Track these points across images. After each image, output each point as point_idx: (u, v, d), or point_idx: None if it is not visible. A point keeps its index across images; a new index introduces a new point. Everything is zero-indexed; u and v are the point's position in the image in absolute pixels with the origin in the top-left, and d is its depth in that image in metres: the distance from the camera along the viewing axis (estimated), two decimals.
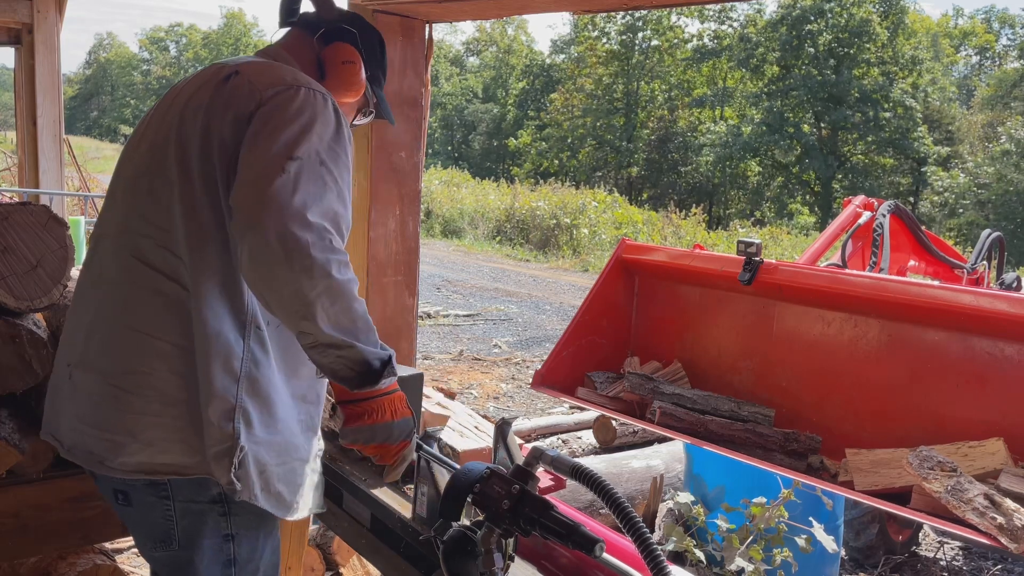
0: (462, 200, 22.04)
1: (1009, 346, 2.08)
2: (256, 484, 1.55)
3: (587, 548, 1.30)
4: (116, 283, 1.57)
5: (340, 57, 1.71)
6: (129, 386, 1.52)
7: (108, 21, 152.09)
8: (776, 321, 2.55)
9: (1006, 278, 4.41)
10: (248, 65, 1.61)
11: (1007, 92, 34.95)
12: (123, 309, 1.55)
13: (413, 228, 2.78)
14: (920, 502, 1.87)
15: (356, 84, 1.74)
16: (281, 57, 1.70)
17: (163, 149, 1.56)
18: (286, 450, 1.61)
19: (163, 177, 1.54)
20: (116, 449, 1.53)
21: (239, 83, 1.55)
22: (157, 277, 1.52)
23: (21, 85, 5.95)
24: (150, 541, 1.63)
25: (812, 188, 32.95)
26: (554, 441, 5.57)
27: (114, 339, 1.55)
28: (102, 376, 1.55)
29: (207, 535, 1.59)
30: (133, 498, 1.59)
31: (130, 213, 1.58)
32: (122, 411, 1.52)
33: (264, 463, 1.56)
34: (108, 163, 37.02)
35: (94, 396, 1.56)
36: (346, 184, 1.51)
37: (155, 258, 1.53)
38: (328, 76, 1.71)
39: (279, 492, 1.61)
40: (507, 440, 1.56)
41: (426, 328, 9.32)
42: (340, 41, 1.72)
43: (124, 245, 1.57)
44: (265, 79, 1.55)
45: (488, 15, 2.69)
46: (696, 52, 37.20)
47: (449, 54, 52.28)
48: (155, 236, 1.53)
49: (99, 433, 1.54)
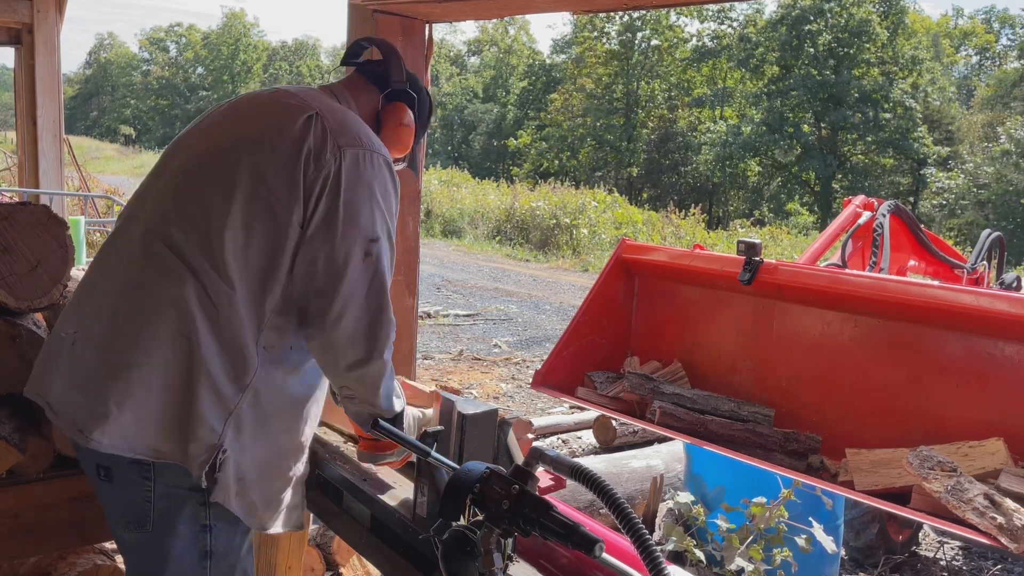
0: (462, 200, 22.03)
1: (1009, 346, 2.08)
2: (231, 489, 1.61)
3: (587, 548, 1.30)
4: (140, 266, 1.60)
5: (400, 119, 1.83)
6: (128, 363, 1.55)
7: (109, 21, 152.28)
8: (776, 321, 2.55)
9: (1006, 278, 4.41)
10: (326, 109, 1.67)
11: (1007, 92, 34.95)
12: (142, 292, 1.58)
13: (413, 228, 2.78)
14: (920, 502, 1.87)
15: (407, 145, 1.88)
16: (343, 98, 1.79)
17: (227, 162, 1.62)
18: (271, 467, 1.69)
19: (224, 187, 1.59)
20: (98, 420, 1.54)
21: (321, 130, 1.62)
22: (185, 273, 1.56)
23: (21, 85, 5.96)
24: (124, 520, 1.65)
25: (812, 188, 32.95)
26: (554, 441, 5.56)
27: (126, 317, 1.58)
28: (105, 350, 1.58)
29: (183, 521, 1.61)
30: (115, 474, 1.61)
31: (173, 205, 1.62)
32: (113, 384, 1.55)
33: (244, 471, 1.62)
34: (108, 163, 37.01)
35: (92, 366, 1.58)
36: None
37: (188, 254, 1.57)
38: (384, 132, 1.82)
39: (253, 503, 1.67)
40: (507, 440, 1.56)
41: (426, 328, 9.31)
42: (402, 102, 1.83)
43: (158, 232, 1.60)
44: (345, 135, 1.63)
45: (488, 15, 2.69)
46: (696, 52, 37.21)
47: (449, 54, 52.28)
48: (192, 236, 1.58)
49: (86, 402, 1.57)
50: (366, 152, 1.62)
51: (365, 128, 1.69)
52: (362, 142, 1.63)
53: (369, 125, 1.75)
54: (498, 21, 46.55)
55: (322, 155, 1.59)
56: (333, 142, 1.60)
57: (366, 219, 1.59)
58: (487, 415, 1.79)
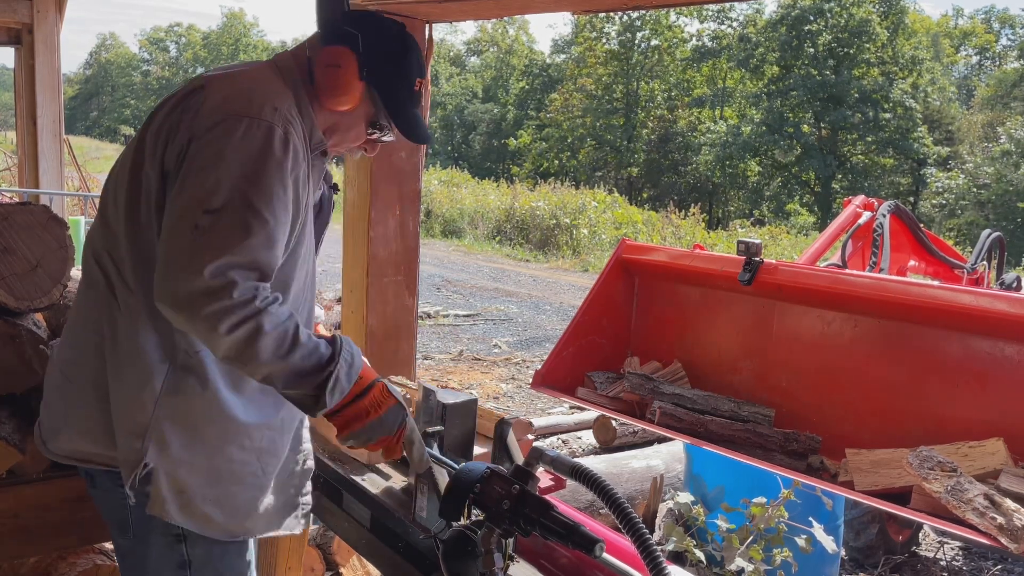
0: (462, 200, 22.02)
1: (1009, 346, 2.07)
2: (169, 502, 1.54)
3: (587, 548, 1.30)
4: (82, 285, 1.66)
5: (326, 60, 1.58)
6: (71, 375, 1.63)
7: (110, 22, 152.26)
8: (776, 321, 2.55)
9: (1006, 278, 4.41)
10: (217, 80, 1.55)
11: (1007, 92, 34.94)
12: (79, 300, 1.66)
13: (413, 228, 2.79)
14: (920, 502, 1.87)
15: (344, 89, 1.58)
16: (285, 61, 1.63)
17: (127, 158, 1.58)
18: (219, 475, 1.59)
19: (120, 185, 1.57)
20: (54, 433, 1.65)
21: (193, 103, 1.50)
22: (99, 276, 1.58)
23: (21, 85, 5.96)
24: (111, 526, 1.69)
25: (812, 188, 32.95)
26: (554, 441, 5.56)
27: (69, 329, 1.67)
28: (57, 364, 1.68)
29: (156, 531, 1.59)
30: (97, 481, 1.64)
31: (100, 219, 1.64)
32: (62, 398, 1.64)
33: (183, 483, 1.55)
34: (108, 163, 36.92)
35: (52, 382, 1.69)
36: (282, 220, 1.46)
37: (103, 259, 1.58)
38: (316, 81, 1.60)
39: (207, 514, 1.58)
40: (507, 440, 1.56)
41: (426, 328, 9.31)
42: (335, 44, 1.59)
43: (91, 248, 1.63)
44: (213, 103, 1.48)
45: (488, 15, 2.69)
46: (695, 52, 37.21)
47: (449, 54, 52.27)
48: (105, 239, 1.59)
49: (46, 416, 1.68)
50: (228, 119, 1.44)
51: (252, 92, 1.50)
52: (231, 109, 1.45)
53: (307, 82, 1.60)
54: (498, 21, 46.54)
55: (180, 131, 1.47)
56: (195, 113, 1.47)
57: (205, 189, 1.39)
58: (466, 404, 1.86)
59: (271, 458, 1.67)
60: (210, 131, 1.44)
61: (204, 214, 1.38)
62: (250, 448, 1.62)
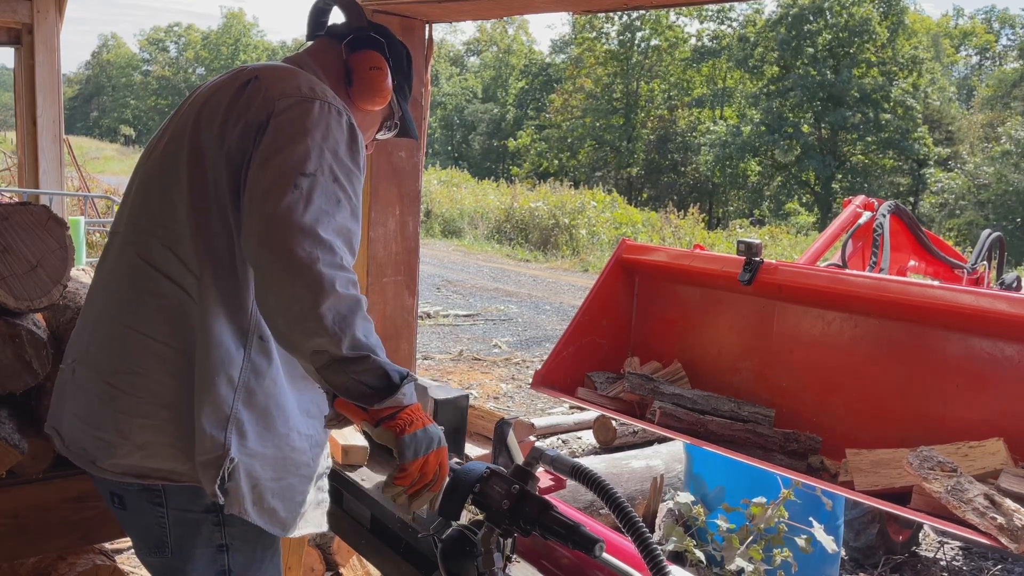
0: (462, 200, 22.04)
1: (1009, 346, 2.07)
2: (247, 498, 1.51)
3: (587, 548, 1.30)
4: (120, 281, 1.58)
5: (368, 63, 1.69)
6: (124, 386, 1.52)
7: (112, 22, 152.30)
8: (776, 321, 2.55)
9: (1006, 278, 4.41)
10: (268, 70, 1.58)
11: (1007, 92, 34.94)
12: (124, 308, 1.55)
13: (413, 228, 2.79)
14: (920, 502, 1.87)
15: (383, 91, 1.71)
16: (306, 64, 1.68)
17: (177, 154, 1.56)
18: (284, 466, 1.58)
19: (176, 181, 1.54)
20: (108, 449, 1.52)
21: (255, 90, 1.53)
22: (160, 278, 1.52)
23: (21, 85, 5.96)
24: (144, 546, 1.63)
25: (812, 188, 32.95)
26: (554, 441, 5.57)
27: (114, 338, 1.55)
28: (100, 374, 1.55)
29: (200, 544, 1.57)
30: (127, 502, 1.58)
31: (141, 213, 1.59)
32: (116, 411, 1.52)
33: (257, 477, 1.53)
34: (108, 163, 37.01)
35: (91, 394, 1.56)
36: (359, 201, 1.50)
37: (160, 260, 1.53)
38: (355, 83, 1.70)
39: (273, 508, 1.57)
40: (507, 440, 1.56)
41: (426, 328, 9.31)
42: (369, 49, 1.71)
43: (132, 243, 1.57)
44: (280, 88, 1.52)
45: (488, 15, 2.69)
46: (695, 52, 37.22)
47: (449, 54, 52.29)
48: (162, 238, 1.53)
49: (93, 431, 1.54)
50: (305, 102, 1.49)
51: (313, 82, 1.56)
52: (302, 93, 1.51)
53: (339, 83, 1.68)
54: (498, 21, 46.55)
55: (256, 115, 1.49)
56: (266, 97, 1.50)
57: (298, 155, 1.42)
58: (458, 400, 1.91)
59: (318, 449, 1.67)
60: (289, 110, 1.48)
61: (301, 176, 1.40)
62: (305, 437, 1.62)
